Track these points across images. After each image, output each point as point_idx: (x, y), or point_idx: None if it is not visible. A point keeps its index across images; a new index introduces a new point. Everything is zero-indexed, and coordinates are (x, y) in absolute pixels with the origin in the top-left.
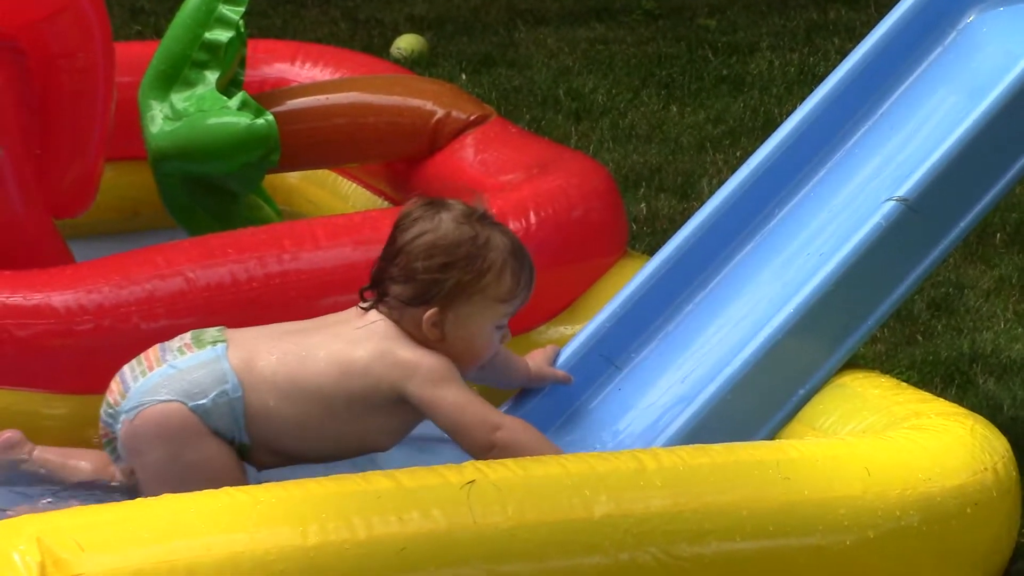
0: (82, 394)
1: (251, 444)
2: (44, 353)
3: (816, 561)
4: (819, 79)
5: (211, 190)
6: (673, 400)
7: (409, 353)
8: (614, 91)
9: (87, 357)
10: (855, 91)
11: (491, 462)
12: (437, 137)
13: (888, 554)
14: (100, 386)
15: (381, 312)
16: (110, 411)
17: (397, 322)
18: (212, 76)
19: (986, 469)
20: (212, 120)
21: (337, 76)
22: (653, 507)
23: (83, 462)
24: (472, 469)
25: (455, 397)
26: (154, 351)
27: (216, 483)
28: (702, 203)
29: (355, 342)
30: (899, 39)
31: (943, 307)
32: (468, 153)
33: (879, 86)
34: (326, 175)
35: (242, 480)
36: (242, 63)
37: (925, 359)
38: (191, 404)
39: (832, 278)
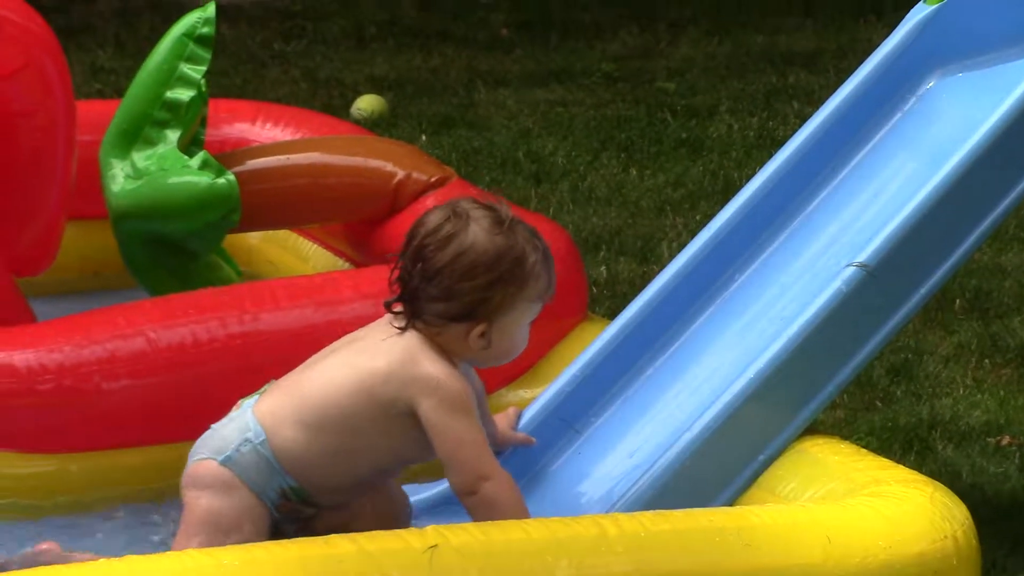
0: (43, 453)
1: (301, 485)
2: (5, 412)
3: None
4: (778, 143)
5: (172, 249)
6: (633, 465)
7: (434, 368)
8: (574, 153)
9: (48, 416)
10: (815, 156)
11: (453, 526)
12: (398, 198)
13: None
14: (60, 445)
15: (416, 328)
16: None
17: (435, 335)
18: (173, 135)
19: (946, 537)
20: (173, 179)
21: (298, 136)
22: (614, 573)
23: None
24: (434, 534)
25: (463, 431)
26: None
27: (238, 540)
28: (662, 266)
29: (378, 354)
30: (859, 104)
31: (902, 373)
32: None
33: (839, 151)
34: (287, 235)
35: (263, 538)
36: (203, 122)
37: (884, 425)
38: (220, 459)
39: (792, 344)
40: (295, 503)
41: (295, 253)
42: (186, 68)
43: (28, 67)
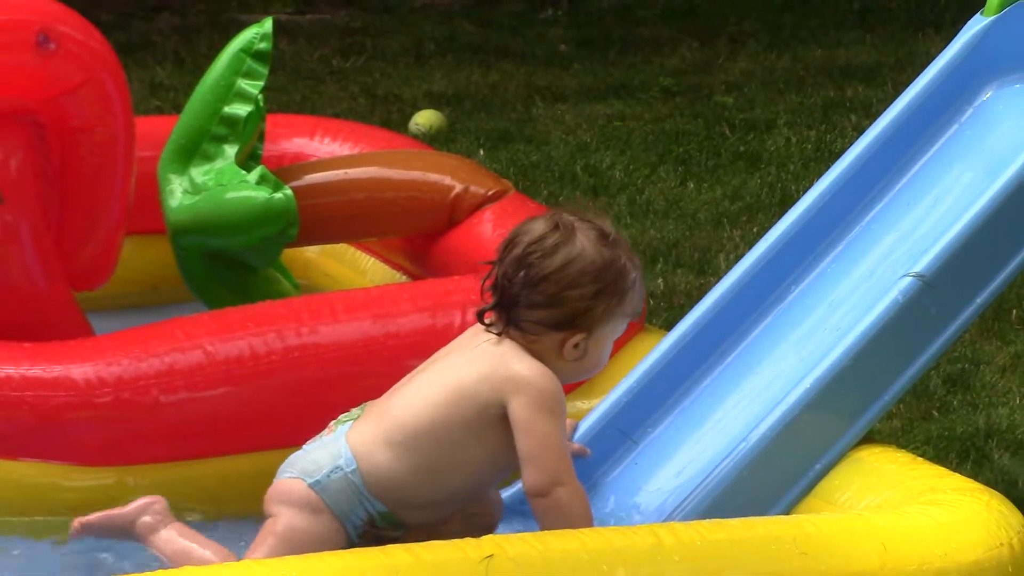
0: (102, 466)
1: (391, 509)
2: (63, 425)
3: None
4: (836, 156)
5: (230, 264)
6: (689, 476)
7: (526, 369)
8: (631, 167)
9: (106, 429)
10: (872, 167)
11: (510, 536)
12: (456, 212)
13: None
14: (119, 458)
15: (511, 336)
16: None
17: (531, 343)
18: (231, 150)
19: (1002, 544)
20: (231, 194)
21: (356, 151)
22: None
23: (208, 552)
24: (491, 544)
25: (549, 431)
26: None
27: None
28: (719, 278)
29: (471, 362)
30: (916, 116)
31: (959, 383)
32: (486, 228)
33: (896, 162)
34: (344, 249)
35: None
36: (261, 137)
37: (941, 435)
38: (309, 481)
39: (849, 354)
40: (382, 527)
41: (353, 266)
42: (243, 83)
43: (88, 84)
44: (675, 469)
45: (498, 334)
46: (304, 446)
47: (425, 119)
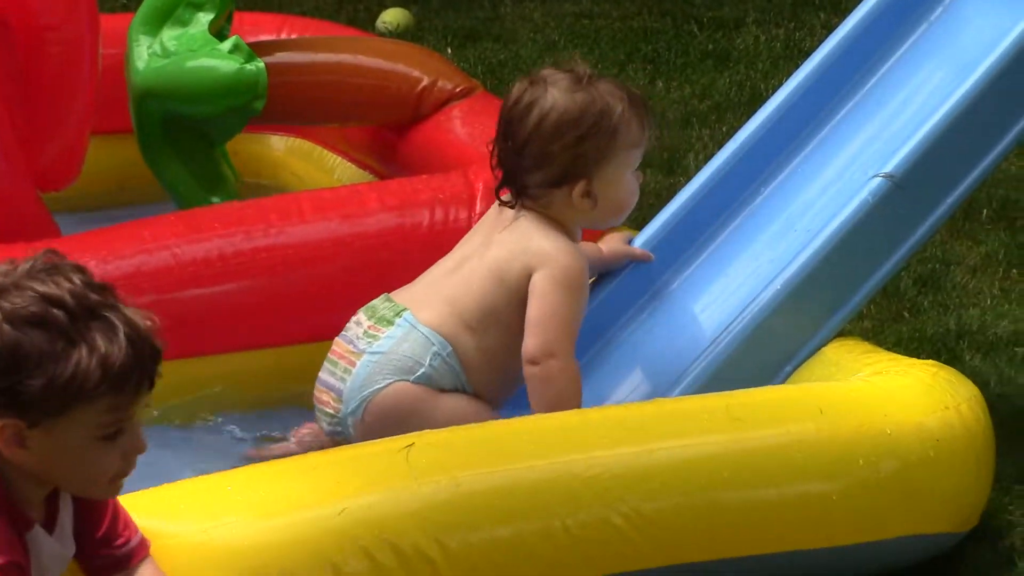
0: None
1: (476, 391)
2: None
3: (776, 502)
4: (805, 54)
5: (189, 134)
6: (659, 379)
7: (549, 244)
8: (600, 66)
9: None
10: (841, 67)
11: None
12: (421, 105)
13: (850, 493)
14: None
15: (526, 206)
16: (335, 420)
17: (545, 209)
18: (205, 18)
19: (947, 408)
20: (201, 61)
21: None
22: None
23: None
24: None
25: (560, 304)
26: (342, 347)
27: None
28: (688, 179)
29: (500, 247)
30: (886, 14)
31: (929, 283)
32: (455, 125)
33: (865, 61)
34: (311, 148)
35: (493, 413)
36: (229, 19)
37: (912, 336)
38: (412, 378)
39: (819, 255)
40: None
41: (319, 166)
42: None
43: None
44: (645, 372)
45: (512, 207)
46: (367, 351)
47: (392, 17)
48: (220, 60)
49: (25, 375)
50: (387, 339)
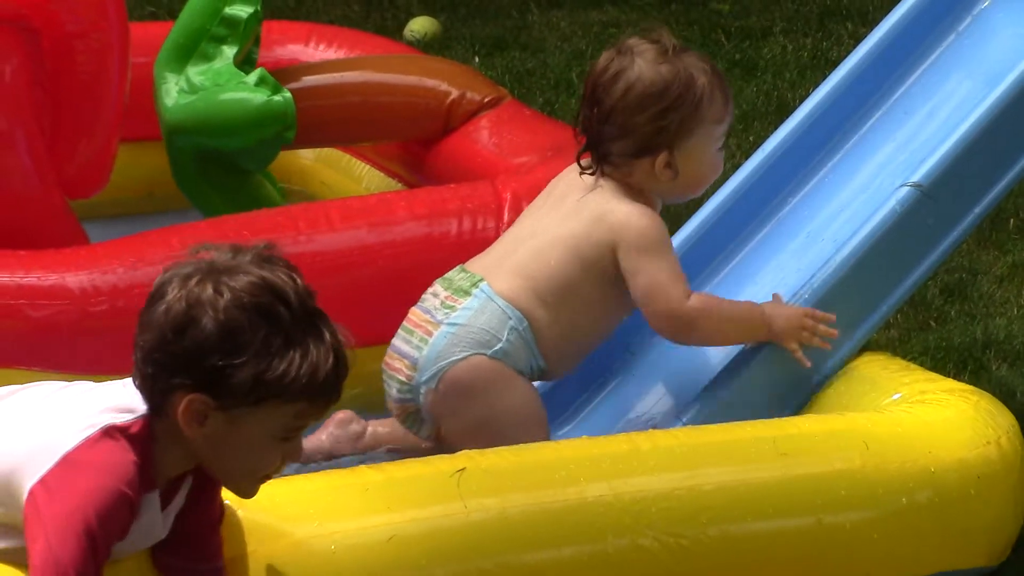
0: (97, 375)
1: (547, 366)
2: (59, 334)
3: (817, 536)
4: (832, 64)
5: (223, 166)
6: (689, 392)
7: (621, 213)
8: None
9: (102, 338)
10: (869, 76)
11: (484, 451)
12: (451, 118)
13: (891, 530)
14: (115, 367)
15: (606, 173)
16: (405, 387)
17: (627, 177)
18: (230, 51)
19: (989, 443)
20: (229, 95)
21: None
22: (649, 488)
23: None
24: (463, 458)
25: (654, 271)
26: (419, 316)
27: (527, 426)
28: (717, 187)
29: (576, 217)
30: (913, 24)
31: (956, 293)
32: (483, 135)
33: (893, 72)
34: (339, 156)
35: (545, 418)
36: (256, 41)
37: (938, 345)
38: (490, 352)
39: (846, 264)
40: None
41: (348, 174)
42: None
43: None
44: (673, 385)
45: (592, 174)
46: (445, 321)
47: (420, 26)
48: (248, 93)
49: (237, 360)
50: (465, 310)
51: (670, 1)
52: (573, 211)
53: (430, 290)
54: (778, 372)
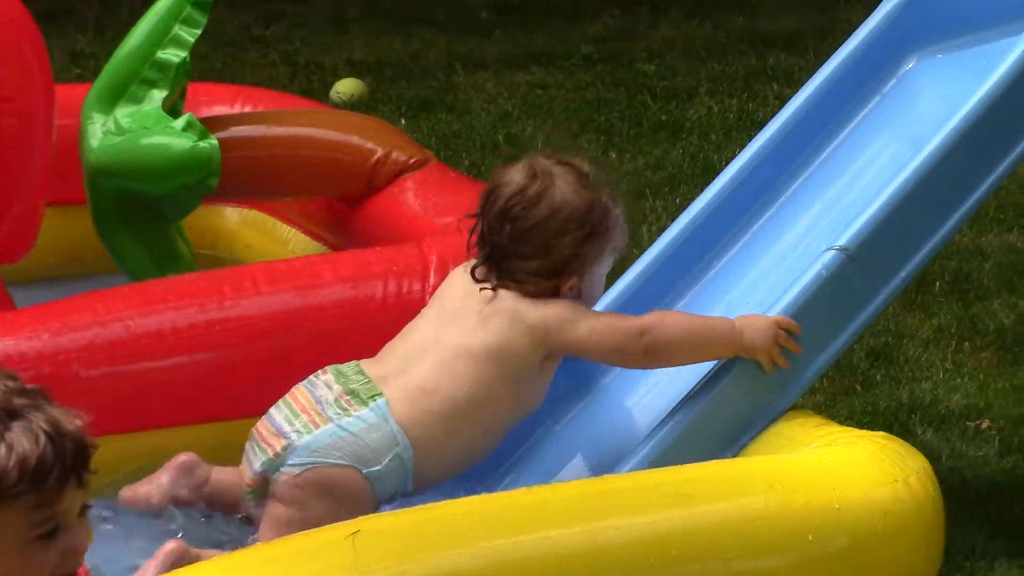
0: None
1: (411, 489)
2: None
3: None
4: (758, 125)
5: (144, 212)
6: (611, 458)
7: (535, 313)
8: (553, 136)
9: None
10: (794, 138)
11: (379, 514)
12: (375, 177)
13: (802, 570)
14: None
15: (508, 287)
16: (267, 460)
17: (526, 291)
18: (159, 95)
19: (896, 481)
20: (154, 138)
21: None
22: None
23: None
24: (357, 521)
25: (591, 329)
26: (308, 401)
27: None
28: (642, 251)
29: (485, 328)
30: (839, 86)
31: (882, 356)
32: (408, 196)
33: (819, 133)
34: (265, 219)
35: None
36: (182, 95)
37: (864, 409)
38: (366, 471)
39: None
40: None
41: (273, 237)
42: (180, 30)
43: (7, 52)
44: (596, 451)
45: (492, 289)
46: (336, 422)
47: (346, 87)
48: (174, 138)
49: None
50: (358, 420)
51: (595, 62)
52: (480, 324)
53: (322, 377)
54: (706, 434)
